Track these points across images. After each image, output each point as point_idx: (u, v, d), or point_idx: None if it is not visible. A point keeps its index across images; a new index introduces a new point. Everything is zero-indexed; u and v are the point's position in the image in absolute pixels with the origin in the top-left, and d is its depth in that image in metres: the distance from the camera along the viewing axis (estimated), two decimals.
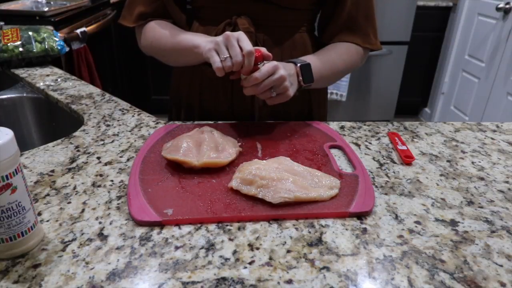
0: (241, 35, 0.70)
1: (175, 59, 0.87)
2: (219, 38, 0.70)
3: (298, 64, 0.77)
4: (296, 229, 0.54)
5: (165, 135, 0.77)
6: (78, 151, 0.73)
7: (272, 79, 0.71)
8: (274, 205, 0.57)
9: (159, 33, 0.85)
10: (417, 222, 0.57)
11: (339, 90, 2.72)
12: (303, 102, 0.93)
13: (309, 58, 0.81)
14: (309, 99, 0.94)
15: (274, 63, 0.72)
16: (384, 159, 0.74)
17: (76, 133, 0.80)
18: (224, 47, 0.70)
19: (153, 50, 0.88)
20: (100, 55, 2.15)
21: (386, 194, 0.63)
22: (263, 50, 0.72)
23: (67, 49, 1.25)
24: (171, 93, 0.99)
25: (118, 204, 0.58)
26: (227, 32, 0.70)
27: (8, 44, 1.14)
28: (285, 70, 0.73)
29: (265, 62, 0.72)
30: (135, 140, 0.77)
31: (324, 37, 0.91)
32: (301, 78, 0.77)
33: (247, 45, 0.68)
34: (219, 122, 0.86)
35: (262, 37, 0.84)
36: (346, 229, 0.55)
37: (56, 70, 1.17)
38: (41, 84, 1.06)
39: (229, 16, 0.83)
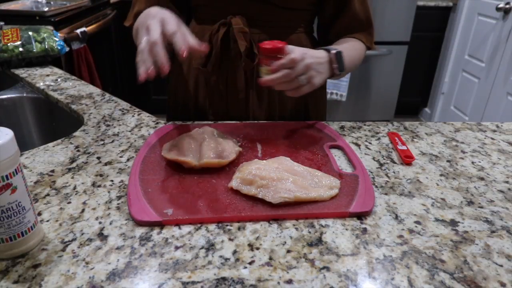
0: (165, 19, 0.66)
1: None
2: (142, 31, 0.66)
3: (333, 51, 0.75)
4: (296, 229, 0.54)
5: (165, 135, 0.77)
6: (78, 151, 0.73)
7: (299, 66, 0.68)
8: (274, 205, 0.57)
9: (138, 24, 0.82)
10: (417, 222, 0.57)
11: (339, 90, 2.72)
12: (299, 102, 0.93)
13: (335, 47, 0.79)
14: (305, 99, 0.94)
15: (300, 51, 0.69)
16: (384, 159, 0.74)
17: (76, 133, 0.80)
18: (143, 36, 0.66)
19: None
20: (100, 55, 2.15)
21: (386, 194, 0.63)
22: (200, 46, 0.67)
23: (67, 49, 1.25)
24: (169, 93, 0.99)
25: (118, 204, 0.58)
26: (148, 21, 0.66)
27: (8, 44, 1.14)
28: (312, 58, 0.71)
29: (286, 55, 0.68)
30: (135, 140, 0.77)
31: (331, 36, 0.91)
32: (336, 65, 0.76)
33: (171, 27, 0.64)
34: (219, 122, 0.86)
35: (258, 37, 0.84)
36: (346, 229, 0.55)
37: (56, 70, 1.17)
38: (41, 84, 1.06)
39: (225, 15, 0.83)
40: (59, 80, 1.09)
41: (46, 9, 1.81)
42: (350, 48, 0.85)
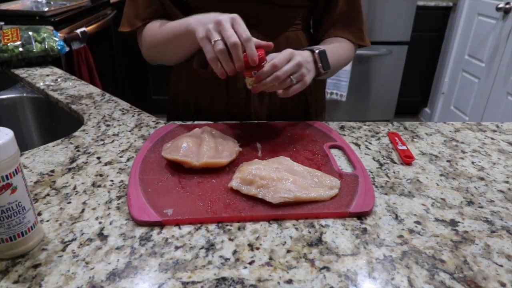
0: (236, 19, 0.66)
1: (174, 51, 0.83)
2: (210, 25, 0.66)
3: (316, 51, 0.76)
4: (296, 229, 0.54)
5: (165, 135, 0.77)
6: (78, 151, 0.73)
7: (290, 65, 0.69)
8: (274, 205, 0.57)
9: (154, 30, 0.83)
10: (417, 222, 0.57)
11: (339, 90, 2.72)
12: (300, 100, 0.93)
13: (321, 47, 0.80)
14: (305, 97, 0.94)
15: (285, 53, 0.70)
16: (384, 159, 0.74)
17: (76, 133, 0.80)
18: (215, 32, 0.66)
19: (153, 50, 0.86)
20: (100, 55, 2.15)
21: (386, 194, 0.63)
22: (263, 43, 0.69)
23: (67, 49, 1.25)
24: (169, 93, 0.99)
25: (118, 204, 0.58)
26: (219, 17, 0.66)
27: (8, 44, 1.14)
28: (301, 56, 0.72)
29: (267, 61, 0.68)
30: (135, 140, 0.77)
31: (318, 33, 0.92)
32: (320, 64, 0.76)
33: (244, 30, 0.65)
34: (219, 122, 0.86)
35: (257, 36, 0.84)
36: (346, 229, 0.55)
37: (56, 70, 1.17)
38: (41, 84, 1.06)
39: None
40: (59, 80, 1.09)
41: (46, 9, 1.80)
42: (337, 47, 0.86)
